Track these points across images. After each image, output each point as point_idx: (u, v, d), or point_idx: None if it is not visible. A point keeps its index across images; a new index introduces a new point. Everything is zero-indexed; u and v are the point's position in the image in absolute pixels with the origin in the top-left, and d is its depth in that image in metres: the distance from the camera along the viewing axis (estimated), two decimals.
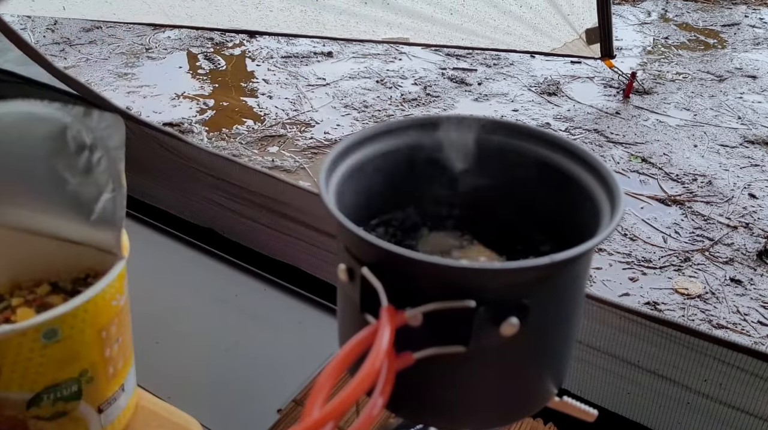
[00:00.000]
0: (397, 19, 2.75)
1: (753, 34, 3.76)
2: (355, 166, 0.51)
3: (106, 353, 0.56)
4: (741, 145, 2.56)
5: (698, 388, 0.75)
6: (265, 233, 1.07)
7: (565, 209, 0.52)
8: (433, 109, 2.83)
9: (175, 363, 0.87)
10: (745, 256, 1.93)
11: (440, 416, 0.48)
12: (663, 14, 4.11)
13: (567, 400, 0.50)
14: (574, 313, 0.47)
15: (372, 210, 0.55)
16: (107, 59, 3.25)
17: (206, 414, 0.70)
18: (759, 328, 1.67)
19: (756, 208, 2.15)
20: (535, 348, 0.45)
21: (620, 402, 0.81)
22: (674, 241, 1.99)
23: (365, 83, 3.04)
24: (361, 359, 0.36)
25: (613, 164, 2.41)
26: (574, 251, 0.40)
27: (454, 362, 0.43)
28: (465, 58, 3.33)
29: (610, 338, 0.78)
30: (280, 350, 0.91)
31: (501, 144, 0.54)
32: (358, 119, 2.72)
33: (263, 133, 2.59)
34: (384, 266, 0.42)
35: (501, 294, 0.41)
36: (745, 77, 3.18)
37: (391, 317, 0.39)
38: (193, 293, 1.00)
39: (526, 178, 0.54)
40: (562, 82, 3.07)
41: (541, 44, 2.78)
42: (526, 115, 2.79)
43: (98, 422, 0.57)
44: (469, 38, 2.77)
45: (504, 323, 0.40)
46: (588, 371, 0.81)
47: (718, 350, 0.72)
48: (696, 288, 1.80)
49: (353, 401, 0.34)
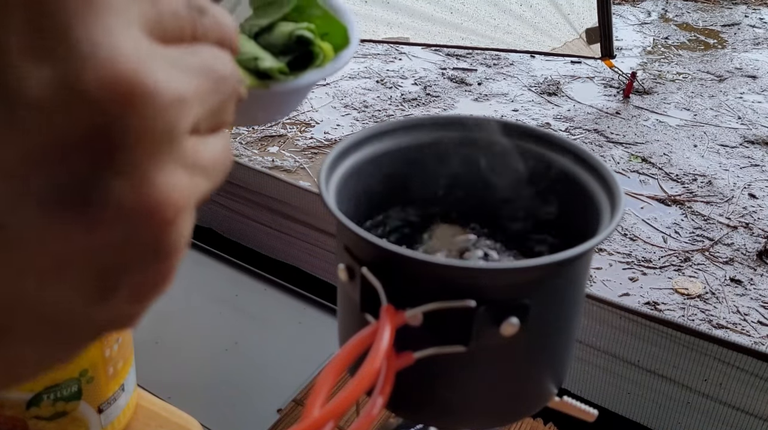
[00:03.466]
0: (397, 19, 2.75)
1: (753, 34, 3.76)
2: (355, 166, 0.51)
3: (106, 353, 0.56)
4: (741, 145, 2.56)
5: (698, 388, 0.75)
6: (265, 232, 1.07)
7: (565, 209, 0.53)
8: (433, 109, 2.83)
9: (175, 363, 0.88)
10: (745, 256, 1.93)
11: (440, 416, 0.48)
12: (663, 14, 4.11)
13: (567, 400, 0.50)
14: (574, 313, 0.47)
15: (372, 210, 0.55)
16: None
17: (206, 414, 0.70)
18: (759, 328, 1.68)
19: (756, 208, 2.15)
20: (535, 348, 0.45)
21: (620, 402, 0.81)
22: (674, 241, 1.99)
23: (365, 83, 3.04)
24: (361, 359, 0.36)
25: (613, 164, 2.41)
26: (574, 251, 0.40)
27: (454, 362, 0.43)
28: (465, 58, 3.33)
29: (610, 338, 0.78)
30: (280, 350, 0.91)
31: (501, 144, 0.54)
32: (358, 119, 2.72)
33: (263, 133, 2.59)
34: (384, 266, 0.42)
35: (501, 294, 0.41)
36: (745, 77, 3.18)
37: (391, 316, 0.39)
38: (193, 293, 1.00)
39: (526, 179, 0.54)
40: (562, 82, 3.07)
41: (541, 44, 2.78)
42: (526, 115, 2.79)
43: (98, 422, 0.57)
44: (469, 37, 2.77)
45: (504, 323, 0.40)
46: (588, 371, 0.81)
47: (718, 350, 0.72)
48: (696, 288, 1.80)
49: (353, 401, 0.34)
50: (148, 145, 0.16)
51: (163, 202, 0.17)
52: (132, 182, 0.16)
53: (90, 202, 0.16)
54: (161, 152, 0.17)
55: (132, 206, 0.16)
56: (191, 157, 0.18)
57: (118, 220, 0.16)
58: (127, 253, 0.17)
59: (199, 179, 0.19)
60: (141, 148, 0.16)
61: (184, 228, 0.18)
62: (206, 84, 0.19)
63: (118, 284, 0.17)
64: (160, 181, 0.17)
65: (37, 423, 0.54)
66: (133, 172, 0.16)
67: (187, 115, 0.18)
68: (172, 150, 0.17)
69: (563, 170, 0.52)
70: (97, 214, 0.16)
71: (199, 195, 0.19)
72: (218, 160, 0.20)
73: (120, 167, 0.16)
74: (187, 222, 0.18)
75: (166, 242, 0.18)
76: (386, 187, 0.55)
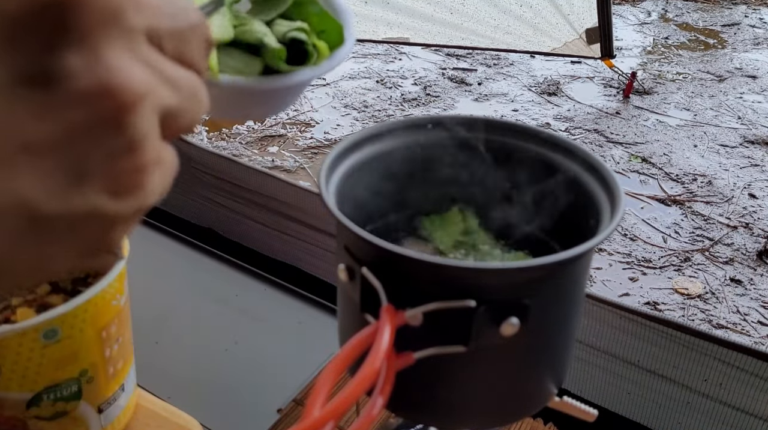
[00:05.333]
0: (397, 19, 2.75)
1: (753, 34, 3.76)
2: (355, 167, 0.51)
3: (106, 353, 0.56)
4: (741, 145, 2.56)
5: (698, 388, 0.75)
6: (265, 233, 1.07)
7: (565, 209, 0.53)
8: (433, 109, 2.83)
9: (175, 363, 0.87)
10: (745, 256, 1.93)
11: (440, 416, 0.48)
12: (663, 14, 4.11)
13: (567, 400, 0.50)
14: (574, 313, 0.47)
15: (372, 209, 0.55)
16: None
17: (206, 414, 0.70)
18: (759, 328, 1.67)
19: (756, 208, 2.15)
20: (535, 348, 0.45)
21: (620, 402, 0.81)
22: (674, 241, 1.99)
23: (365, 83, 3.04)
24: (361, 359, 0.36)
25: (613, 164, 2.41)
26: (574, 251, 0.40)
27: (454, 361, 0.43)
28: (465, 58, 3.33)
29: (610, 338, 0.78)
30: (280, 350, 0.91)
31: (501, 144, 0.54)
32: (358, 119, 2.72)
33: (263, 132, 2.59)
34: (384, 266, 0.42)
35: (501, 294, 0.41)
36: (745, 77, 3.18)
37: (391, 316, 0.39)
38: (193, 293, 1.00)
39: (526, 178, 0.54)
40: (562, 82, 3.07)
41: (541, 44, 2.78)
42: (526, 115, 2.79)
43: (98, 422, 0.57)
44: (469, 38, 2.77)
45: (504, 323, 0.40)
46: (588, 371, 0.81)
47: (718, 350, 0.72)
48: (696, 288, 1.80)
49: (353, 401, 0.34)
50: (98, 23, 0.17)
51: (119, 85, 0.18)
52: (87, 60, 0.17)
53: (49, 81, 0.17)
54: (114, 36, 0.18)
55: (89, 84, 0.17)
56: (152, 60, 0.19)
57: (78, 99, 0.17)
58: (91, 136, 0.18)
59: (162, 87, 0.19)
60: (92, 25, 0.17)
61: (148, 121, 0.19)
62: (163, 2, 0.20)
63: (88, 169, 0.18)
64: (115, 64, 0.18)
65: (37, 423, 0.54)
66: (88, 51, 0.17)
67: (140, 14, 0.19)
68: (125, 38, 0.18)
69: (563, 170, 0.52)
70: (57, 93, 0.17)
71: (164, 102, 0.20)
72: (185, 81, 0.21)
73: (74, 44, 0.17)
74: (151, 118, 0.19)
75: (128, 127, 0.18)
76: (386, 187, 0.55)
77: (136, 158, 0.19)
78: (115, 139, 0.18)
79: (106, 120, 0.18)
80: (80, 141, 0.18)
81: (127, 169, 0.19)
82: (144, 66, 0.19)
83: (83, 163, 0.18)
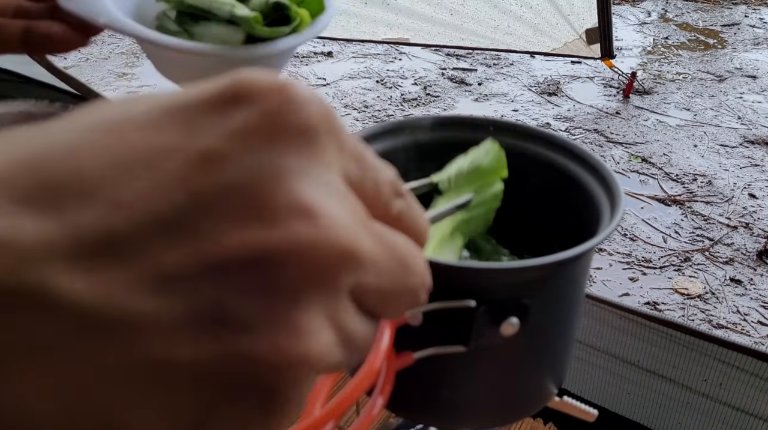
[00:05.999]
0: (397, 19, 2.75)
1: (753, 34, 3.76)
2: None
3: None
4: (741, 145, 2.56)
5: (698, 388, 0.75)
6: None
7: (565, 209, 0.53)
8: (433, 109, 2.83)
9: None
10: (745, 256, 1.93)
11: (440, 416, 0.48)
12: (663, 14, 4.11)
13: (567, 400, 0.50)
14: (574, 313, 0.47)
15: None
16: (107, 59, 3.25)
17: None
18: (759, 328, 1.68)
19: (756, 208, 2.15)
20: (536, 348, 0.45)
21: (620, 402, 0.81)
22: (674, 241, 1.99)
23: (365, 83, 3.04)
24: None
25: (613, 164, 2.41)
26: (574, 251, 0.40)
27: (455, 362, 0.43)
28: (465, 58, 3.33)
29: (610, 338, 0.78)
30: None
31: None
32: (358, 119, 2.72)
33: None
34: None
35: (501, 294, 0.41)
36: (745, 77, 3.19)
37: None
38: None
39: (526, 179, 0.54)
40: (562, 82, 3.07)
41: (541, 44, 2.78)
42: (526, 115, 2.79)
43: None
44: (469, 38, 2.77)
45: (504, 323, 0.40)
46: (588, 371, 0.81)
47: (718, 350, 0.72)
48: (696, 288, 1.80)
49: (353, 401, 0.34)
50: (304, 281, 0.15)
51: (298, 355, 0.15)
52: (272, 317, 0.14)
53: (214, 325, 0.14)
54: (315, 294, 0.15)
55: (263, 346, 0.14)
56: (342, 321, 0.16)
57: (238, 356, 0.14)
58: (234, 392, 0.15)
59: (339, 348, 0.16)
60: (297, 282, 0.15)
61: (304, 391, 0.16)
62: (386, 256, 0.17)
63: (208, 421, 0.15)
64: (303, 329, 0.15)
65: None
66: (278, 307, 0.15)
67: (356, 273, 0.16)
68: (325, 300, 0.15)
69: (563, 170, 0.52)
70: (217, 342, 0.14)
71: (331, 364, 0.16)
72: (363, 340, 0.17)
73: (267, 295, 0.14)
74: (309, 386, 0.16)
75: (278, 398, 0.15)
76: None
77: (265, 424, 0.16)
78: (256, 401, 0.15)
79: (256, 384, 0.15)
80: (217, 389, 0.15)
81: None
82: (332, 331, 0.16)
83: (206, 409, 0.15)
